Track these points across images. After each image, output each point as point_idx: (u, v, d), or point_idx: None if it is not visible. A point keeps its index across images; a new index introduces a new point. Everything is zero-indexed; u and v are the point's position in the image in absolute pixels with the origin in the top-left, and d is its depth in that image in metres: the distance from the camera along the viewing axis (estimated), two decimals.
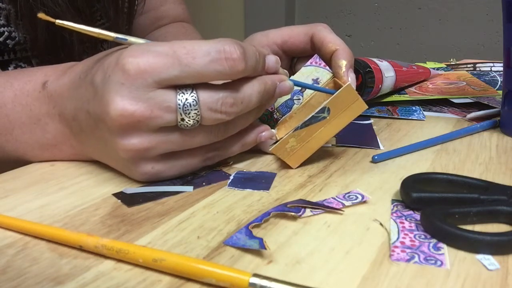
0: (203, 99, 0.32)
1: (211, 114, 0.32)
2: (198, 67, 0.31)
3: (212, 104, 0.32)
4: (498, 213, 0.30)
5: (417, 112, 0.56)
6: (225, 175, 0.38)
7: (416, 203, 0.32)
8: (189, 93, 0.32)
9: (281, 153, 0.38)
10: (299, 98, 0.41)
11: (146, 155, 0.34)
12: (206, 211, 0.32)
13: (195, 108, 0.32)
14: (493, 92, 0.61)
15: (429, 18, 1.81)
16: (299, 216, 0.31)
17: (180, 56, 0.31)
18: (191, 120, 0.32)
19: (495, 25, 1.68)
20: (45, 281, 0.24)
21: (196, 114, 0.32)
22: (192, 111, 0.32)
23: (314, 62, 0.42)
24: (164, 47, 0.31)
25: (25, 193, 0.35)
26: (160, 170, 0.35)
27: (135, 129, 0.32)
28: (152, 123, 0.32)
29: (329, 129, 0.38)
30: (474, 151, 0.43)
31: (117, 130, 0.32)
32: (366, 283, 0.24)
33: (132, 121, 0.31)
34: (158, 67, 0.31)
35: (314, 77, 0.41)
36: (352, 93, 0.37)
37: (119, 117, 0.31)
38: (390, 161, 0.41)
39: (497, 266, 0.26)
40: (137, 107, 0.31)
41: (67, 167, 0.40)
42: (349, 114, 0.38)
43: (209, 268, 0.24)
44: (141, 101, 0.31)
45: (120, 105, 0.31)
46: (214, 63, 0.31)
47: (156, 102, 0.31)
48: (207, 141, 0.35)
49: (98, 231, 0.29)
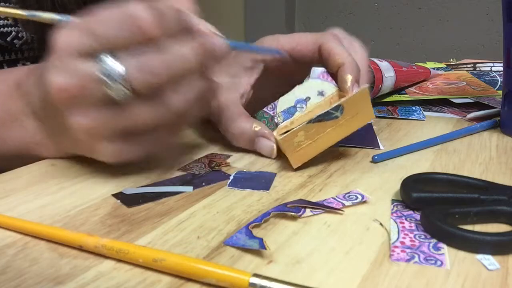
0: (129, 63, 0.31)
1: (140, 77, 0.31)
2: (109, 35, 0.31)
3: (139, 67, 0.31)
4: (498, 213, 0.30)
5: (417, 112, 0.56)
6: (225, 175, 0.38)
7: (416, 203, 0.32)
8: (114, 60, 0.31)
9: (287, 146, 0.37)
10: (302, 106, 0.41)
11: (98, 133, 0.33)
12: (206, 211, 0.32)
13: (121, 75, 0.31)
14: (493, 92, 0.61)
15: (429, 18, 1.81)
16: (299, 216, 0.31)
17: (91, 27, 0.31)
18: (122, 93, 0.31)
19: (495, 25, 1.68)
20: (45, 281, 0.24)
21: (125, 80, 0.31)
22: (119, 77, 0.31)
23: (321, 76, 0.42)
24: (79, 20, 0.32)
25: (25, 193, 0.35)
26: (123, 149, 0.35)
27: (77, 105, 0.32)
28: (88, 96, 0.32)
29: (336, 131, 0.38)
30: (474, 151, 0.43)
31: (64, 109, 0.32)
32: (366, 283, 0.24)
33: (70, 96, 0.32)
34: (74, 38, 0.31)
35: (319, 89, 0.42)
36: (366, 98, 0.37)
37: (58, 93, 0.32)
38: (390, 161, 0.41)
39: (497, 266, 0.26)
40: (69, 81, 0.31)
41: (67, 167, 0.40)
42: (358, 120, 0.38)
43: (209, 268, 0.24)
44: (69, 74, 0.31)
45: (54, 82, 0.32)
46: (125, 29, 0.31)
47: (84, 74, 0.31)
48: (154, 113, 0.33)
49: (98, 231, 0.29)
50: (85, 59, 0.31)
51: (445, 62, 0.82)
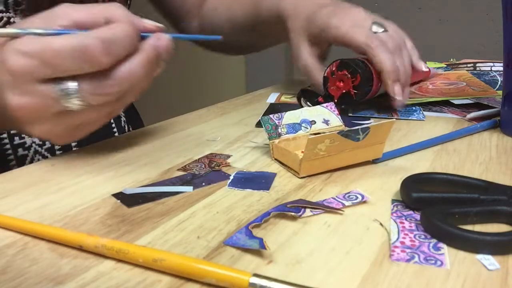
0: (83, 86, 0.35)
1: (95, 98, 0.36)
2: (65, 67, 0.34)
3: (93, 89, 0.35)
4: (498, 213, 0.30)
5: (417, 112, 0.56)
6: (225, 175, 0.38)
7: (416, 203, 0.32)
8: (70, 83, 0.35)
9: (309, 150, 0.36)
10: (306, 127, 0.43)
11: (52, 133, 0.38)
12: (206, 211, 0.32)
13: (75, 95, 0.35)
14: (493, 92, 0.61)
15: (429, 18, 1.81)
16: (299, 216, 0.31)
17: (48, 59, 0.34)
18: (76, 105, 0.36)
19: (495, 25, 1.68)
20: (45, 281, 0.24)
21: (80, 100, 0.35)
22: (73, 97, 0.35)
23: (330, 107, 0.45)
24: (34, 48, 0.34)
25: (25, 193, 0.35)
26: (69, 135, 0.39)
27: (36, 118, 0.36)
28: (46, 112, 0.36)
29: (350, 155, 0.38)
30: (474, 151, 0.43)
31: (23, 121, 0.37)
32: (366, 283, 0.24)
33: (29, 113, 0.36)
34: (32, 69, 0.34)
35: (326, 118, 0.44)
36: (387, 131, 0.38)
37: (20, 111, 0.36)
38: (390, 161, 0.41)
39: (497, 266, 0.26)
40: (29, 100, 0.35)
41: (67, 167, 0.40)
42: (371, 151, 0.39)
43: (209, 268, 0.24)
44: (29, 95, 0.35)
45: (15, 101, 0.35)
46: (78, 62, 0.34)
47: (42, 95, 0.35)
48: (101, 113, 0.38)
49: (98, 231, 0.29)
50: (42, 83, 0.35)
51: (445, 62, 0.82)
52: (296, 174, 0.38)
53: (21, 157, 0.56)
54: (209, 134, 0.49)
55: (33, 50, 0.34)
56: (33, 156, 0.56)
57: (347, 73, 0.53)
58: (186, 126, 0.52)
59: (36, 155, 0.57)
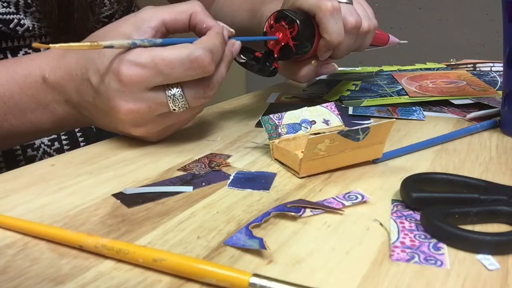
0: (187, 91, 0.41)
1: (196, 100, 0.41)
2: (176, 75, 0.39)
3: (195, 93, 0.41)
4: (498, 213, 0.30)
5: (417, 112, 0.56)
6: (225, 175, 0.38)
7: (416, 203, 0.32)
8: (176, 89, 0.40)
9: (309, 150, 0.36)
10: (306, 127, 0.43)
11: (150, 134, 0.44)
12: (206, 211, 0.32)
13: (181, 99, 0.41)
14: (493, 92, 0.61)
15: (429, 18, 1.81)
16: (299, 216, 0.31)
17: (161, 68, 0.38)
18: (181, 108, 0.41)
19: (495, 25, 1.68)
20: (45, 281, 0.24)
21: (184, 103, 0.41)
22: (180, 101, 0.41)
23: (330, 107, 0.45)
24: (147, 59, 0.38)
25: (25, 193, 0.35)
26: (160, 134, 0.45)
27: (141, 120, 0.41)
28: (152, 114, 0.41)
29: (350, 155, 0.38)
30: (474, 151, 0.43)
31: (128, 123, 0.42)
32: (366, 283, 0.24)
33: (139, 116, 0.41)
34: (146, 78, 0.39)
35: (326, 118, 0.45)
36: (387, 132, 0.38)
37: (129, 115, 0.40)
38: (390, 161, 0.41)
39: (497, 266, 0.26)
40: (140, 106, 0.40)
41: (67, 167, 0.40)
42: (371, 152, 0.39)
43: (209, 268, 0.24)
44: (140, 101, 0.40)
45: (126, 107, 0.40)
46: (189, 70, 0.39)
47: (152, 100, 0.40)
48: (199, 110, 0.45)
49: (98, 231, 0.29)
50: (152, 90, 0.40)
51: (445, 62, 0.82)
52: (296, 174, 0.38)
53: (30, 157, 0.56)
54: (209, 134, 0.49)
55: (146, 61, 0.38)
56: (42, 156, 0.56)
57: (284, 24, 0.49)
58: (186, 126, 0.52)
59: (45, 156, 0.57)
